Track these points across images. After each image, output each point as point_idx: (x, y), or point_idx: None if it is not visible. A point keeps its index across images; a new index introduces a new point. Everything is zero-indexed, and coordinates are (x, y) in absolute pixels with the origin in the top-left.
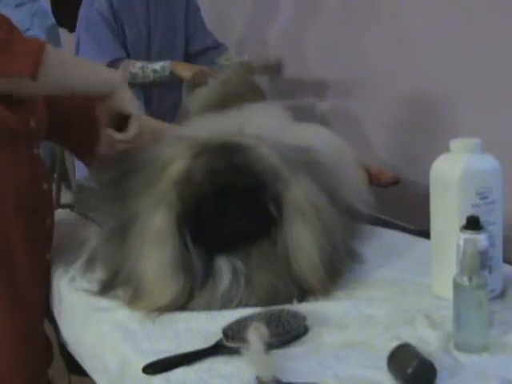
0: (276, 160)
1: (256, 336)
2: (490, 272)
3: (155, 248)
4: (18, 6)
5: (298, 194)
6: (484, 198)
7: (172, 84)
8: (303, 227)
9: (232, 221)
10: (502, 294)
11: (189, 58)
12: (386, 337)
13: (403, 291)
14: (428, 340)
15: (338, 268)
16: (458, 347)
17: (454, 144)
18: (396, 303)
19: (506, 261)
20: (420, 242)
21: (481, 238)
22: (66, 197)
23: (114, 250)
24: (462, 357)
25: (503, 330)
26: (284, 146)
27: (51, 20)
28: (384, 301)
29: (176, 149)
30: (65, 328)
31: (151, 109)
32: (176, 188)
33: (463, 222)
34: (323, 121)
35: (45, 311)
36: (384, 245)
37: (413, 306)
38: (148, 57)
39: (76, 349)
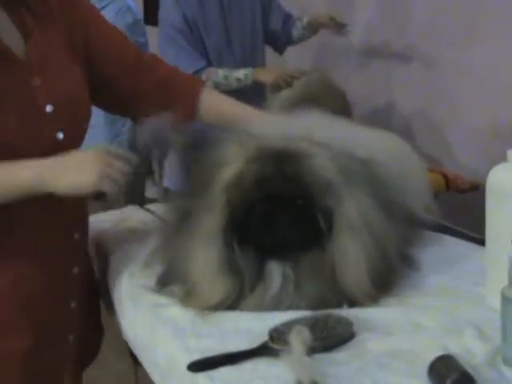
0: (331, 173)
1: (298, 339)
2: None
3: (203, 249)
4: (103, 8)
5: (350, 209)
6: None
7: (255, 90)
8: (352, 242)
9: (278, 228)
10: None
11: (267, 36)
12: (432, 347)
13: (456, 300)
14: (475, 352)
15: (388, 280)
16: (505, 361)
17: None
18: (447, 313)
19: None
20: (482, 250)
21: None
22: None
23: (170, 246)
24: (508, 371)
25: None
26: (345, 157)
27: (133, 17)
28: (435, 309)
29: (233, 150)
30: (123, 320)
31: None
32: (226, 192)
33: None
34: (405, 124)
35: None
36: (444, 252)
37: (464, 316)
38: (231, 57)
39: (132, 340)
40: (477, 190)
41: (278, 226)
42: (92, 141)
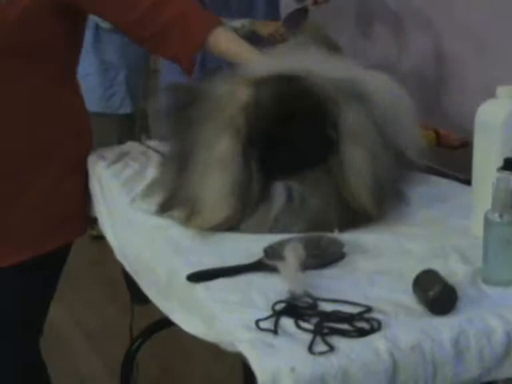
0: (331, 89)
1: (292, 254)
2: None
3: (219, 170)
4: None
5: (354, 119)
6: None
7: (253, 41)
8: (359, 151)
9: (298, 146)
10: None
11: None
12: (418, 267)
13: (443, 230)
14: (457, 273)
15: (385, 195)
16: (485, 280)
17: (501, 90)
18: (433, 240)
19: None
20: (468, 189)
21: None
22: None
23: (174, 174)
24: (487, 289)
25: None
26: (337, 79)
27: None
28: (422, 237)
29: (235, 81)
30: (123, 245)
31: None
32: (244, 112)
33: None
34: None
35: None
36: (433, 190)
37: (449, 243)
38: (227, 9)
39: (133, 265)
40: (467, 146)
41: (296, 144)
42: (87, 89)
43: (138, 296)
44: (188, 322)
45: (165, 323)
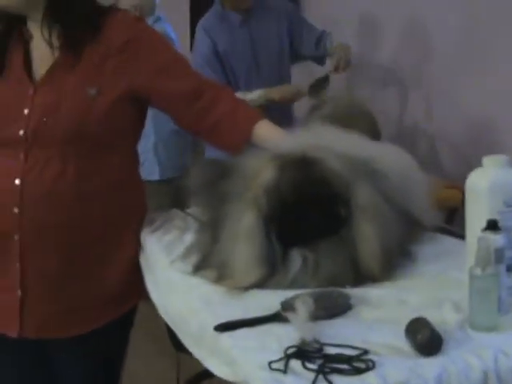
0: (342, 169)
1: (302, 306)
2: None
3: (244, 241)
4: None
5: (363, 197)
6: (509, 206)
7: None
8: (368, 225)
9: (311, 224)
10: None
11: (304, 58)
12: (413, 316)
13: (441, 283)
14: (449, 321)
15: (391, 260)
16: (471, 326)
17: (486, 160)
18: (431, 292)
19: None
20: None
21: (497, 238)
22: None
23: (208, 239)
24: (472, 333)
25: None
26: (347, 157)
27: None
28: (421, 289)
29: (262, 160)
30: (164, 300)
31: None
32: (266, 195)
33: None
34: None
35: None
36: (440, 248)
37: (445, 295)
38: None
39: (171, 317)
40: None
41: (310, 223)
42: None
43: (179, 346)
44: (217, 367)
45: (208, 374)
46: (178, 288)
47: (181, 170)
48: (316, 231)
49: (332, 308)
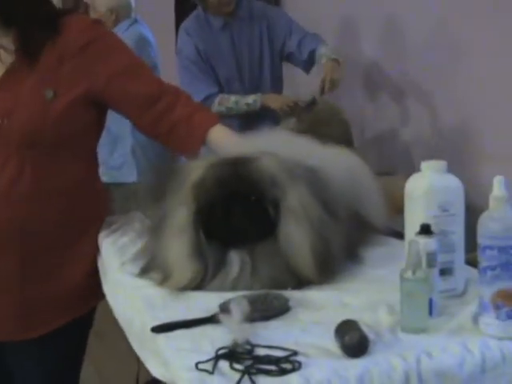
0: (276, 171)
1: (236, 308)
2: (451, 274)
3: (176, 239)
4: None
5: (293, 200)
6: (445, 210)
7: (264, 113)
8: (296, 228)
9: (236, 220)
10: (462, 293)
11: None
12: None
13: (382, 287)
14: (382, 322)
15: (329, 264)
16: (402, 328)
17: (424, 165)
18: (372, 296)
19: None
20: None
21: (429, 242)
22: None
23: (151, 241)
24: (402, 335)
25: (447, 319)
26: (290, 162)
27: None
28: (362, 293)
29: (198, 161)
30: (113, 301)
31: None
32: (193, 191)
33: None
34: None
35: None
36: (391, 251)
37: (384, 298)
38: (241, 84)
39: (119, 317)
40: None
41: (235, 219)
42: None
43: None
44: (155, 368)
45: None
46: (126, 290)
47: None
48: (243, 228)
49: (267, 310)
